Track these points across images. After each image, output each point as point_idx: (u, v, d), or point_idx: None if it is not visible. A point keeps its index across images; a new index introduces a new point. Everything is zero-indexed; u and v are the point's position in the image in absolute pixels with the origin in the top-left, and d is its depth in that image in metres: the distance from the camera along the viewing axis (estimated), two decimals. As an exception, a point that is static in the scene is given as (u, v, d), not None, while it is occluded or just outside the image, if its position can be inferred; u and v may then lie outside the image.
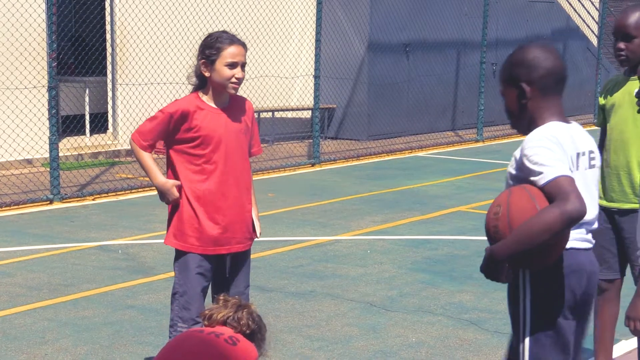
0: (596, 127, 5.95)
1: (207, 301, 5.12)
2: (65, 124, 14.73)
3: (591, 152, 4.02)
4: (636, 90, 4.42)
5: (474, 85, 18.80)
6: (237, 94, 5.27)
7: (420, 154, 16.49)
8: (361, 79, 17.93)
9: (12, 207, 11.06)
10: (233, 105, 5.32)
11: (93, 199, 11.76)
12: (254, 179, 5.72)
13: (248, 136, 5.41)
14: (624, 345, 6.44)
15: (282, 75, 17.27)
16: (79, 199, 11.71)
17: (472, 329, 6.78)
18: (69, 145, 14.63)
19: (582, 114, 22.76)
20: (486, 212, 3.88)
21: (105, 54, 15.43)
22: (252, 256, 6.85)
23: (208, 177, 5.25)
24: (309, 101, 17.11)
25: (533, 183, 3.79)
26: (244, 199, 5.41)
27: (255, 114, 5.94)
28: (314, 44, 15.13)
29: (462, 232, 9.94)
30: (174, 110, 5.21)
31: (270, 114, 17.13)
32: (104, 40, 15.50)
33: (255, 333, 4.62)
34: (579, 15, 23.50)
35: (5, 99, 13.25)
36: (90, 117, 15.70)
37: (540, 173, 3.75)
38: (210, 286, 5.40)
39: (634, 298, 3.98)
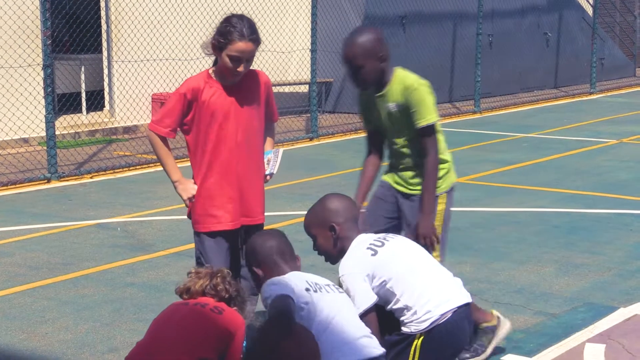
0: (589, 97, 5.98)
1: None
2: (61, 102, 14.69)
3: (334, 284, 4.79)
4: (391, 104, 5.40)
5: (471, 57, 18.74)
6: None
7: (418, 126, 16.45)
8: (357, 52, 17.85)
9: (9, 187, 11.06)
10: (245, 81, 5.34)
11: (91, 177, 11.76)
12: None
13: (262, 110, 5.45)
14: (622, 312, 6.46)
15: (278, 50, 17.22)
16: (76, 177, 11.71)
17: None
18: (65, 124, 14.62)
19: (578, 84, 22.74)
20: (483, 183, 3.93)
21: (100, 31, 15.38)
22: (250, 231, 6.77)
23: (218, 153, 5.30)
24: (306, 75, 17.07)
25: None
26: (254, 174, 5.45)
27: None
28: (310, 18, 15.09)
29: (461, 204, 9.93)
30: (185, 89, 5.28)
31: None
32: (99, 17, 15.45)
33: (234, 297, 4.70)
34: (575, -15, 23.43)
35: (0, 78, 13.22)
36: (86, 94, 15.67)
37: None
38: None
39: (419, 218, 5.29)
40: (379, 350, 4.55)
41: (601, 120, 17.03)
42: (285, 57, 17.54)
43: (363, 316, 4.68)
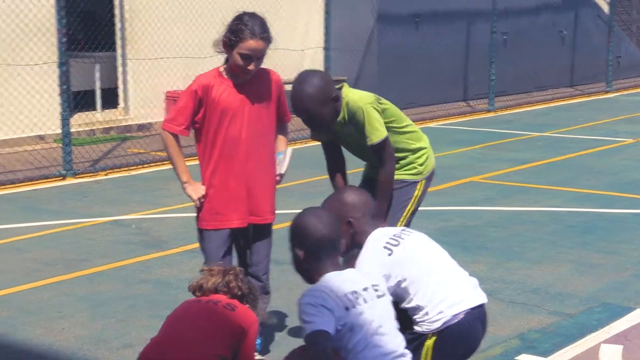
0: (606, 96, 5.96)
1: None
2: (76, 100, 14.72)
3: (374, 285, 4.52)
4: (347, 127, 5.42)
5: (485, 55, 18.69)
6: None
7: (431, 124, 16.47)
8: (371, 50, 17.88)
9: (25, 184, 11.10)
10: (255, 80, 5.33)
11: (105, 174, 11.79)
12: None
13: (272, 108, 5.43)
14: (639, 313, 6.44)
15: (292, 48, 17.21)
16: (91, 174, 11.74)
17: (487, 300, 6.77)
18: (80, 121, 14.64)
19: (594, 82, 22.65)
20: (498, 182, 3.93)
21: (115, 29, 15.40)
22: (265, 229, 6.73)
23: (226, 151, 5.30)
24: (320, 73, 17.05)
25: None
26: (263, 173, 5.43)
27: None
28: (324, 16, 15.08)
29: (475, 203, 9.94)
30: (196, 86, 5.27)
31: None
32: (113, 15, 15.47)
33: (247, 294, 4.71)
34: (590, -17, 23.35)
35: (16, 76, 13.26)
36: (101, 92, 15.69)
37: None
38: (238, 257, 5.61)
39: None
40: None
41: (617, 119, 16.97)
42: (299, 55, 17.53)
43: None
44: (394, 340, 4.42)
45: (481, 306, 4.83)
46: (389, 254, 4.75)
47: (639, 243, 8.30)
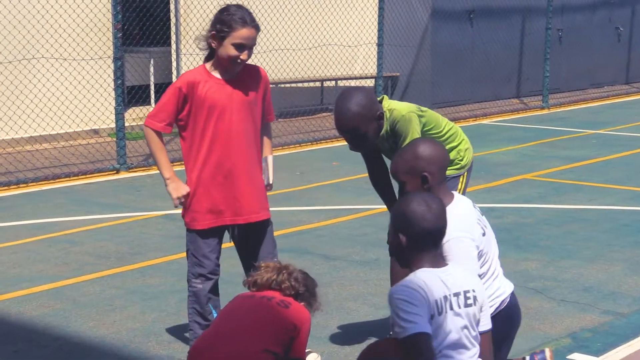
0: None
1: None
2: (130, 94, 14.86)
3: (466, 291, 4.30)
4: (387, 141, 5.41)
5: (540, 52, 18.55)
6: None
7: (485, 121, 16.38)
8: (424, 46, 17.82)
9: (79, 177, 11.21)
10: (243, 76, 5.25)
11: (180, 165, 11.85)
12: (319, 148, 5.71)
13: (259, 106, 5.35)
14: (693, 314, 6.37)
15: (345, 44, 17.21)
16: (144, 168, 11.83)
17: (538, 297, 6.74)
18: (134, 115, 14.77)
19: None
20: (551, 180, 3.92)
21: (170, 24, 15.51)
22: (315, 225, 6.79)
23: (213, 147, 5.21)
24: (372, 69, 17.05)
25: None
26: (252, 170, 5.34)
27: (318, 82, 5.92)
28: (377, 12, 15.06)
29: (528, 200, 9.88)
30: (180, 83, 5.19)
31: (333, 82, 17.11)
32: (168, 10, 15.58)
33: (302, 293, 4.69)
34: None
35: (72, 70, 13.40)
36: (155, 87, 15.81)
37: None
38: (239, 256, 5.54)
39: None
40: None
41: (673, 117, 16.76)
42: (352, 50, 17.52)
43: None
44: (467, 352, 4.29)
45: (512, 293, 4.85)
46: (483, 234, 4.64)
47: (694, 243, 8.20)
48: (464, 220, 4.61)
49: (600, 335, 5.98)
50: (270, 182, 5.59)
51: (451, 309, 4.21)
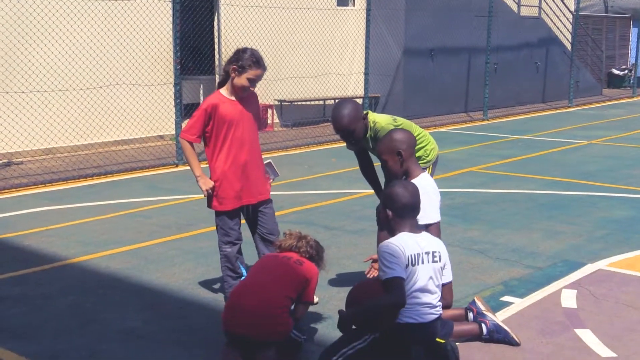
0: (568, 110, 5.87)
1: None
2: (186, 110, 14.82)
3: (434, 252, 4.35)
4: (371, 142, 5.40)
5: (481, 79, 18.53)
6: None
7: (442, 129, 16.34)
8: (398, 75, 17.76)
9: (149, 169, 11.20)
10: (247, 98, 5.25)
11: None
12: (322, 148, 5.69)
13: (257, 119, 5.35)
14: (590, 267, 6.35)
15: (341, 73, 17.17)
16: (196, 163, 11.78)
17: (480, 256, 6.74)
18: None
19: (560, 100, 22.38)
20: (490, 172, 3.90)
21: (214, 59, 15.48)
22: (318, 204, 6.72)
23: (231, 150, 5.19)
24: (361, 91, 17.01)
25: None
26: (258, 163, 5.33)
27: (321, 101, 5.88)
28: (364, 50, 15.01)
29: (473, 186, 9.86)
30: (206, 105, 5.18)
31: (332, 101, 17.07)
32: (213, 49, 15.54)
33: (314, 256, 4.71)
34: (557, 28, 23.02)
35: (144, 92, 13.39)
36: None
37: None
38: (249, 227, 5.46)
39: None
40: (435, 315, 4.36)
41: (576, 126, 16.70)
42: (346, 78, 17.48)
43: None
44: (431, 296, 4.32)
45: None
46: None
47: (589, 216, 8.18)
48: (431, 183, 4.80)
49: (524, 282, 5.98)
50: (278, 175, 5.61)
51: (422, 262, 4.27)
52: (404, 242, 4.28)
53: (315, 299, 5.47)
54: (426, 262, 4.30)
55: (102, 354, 4.67)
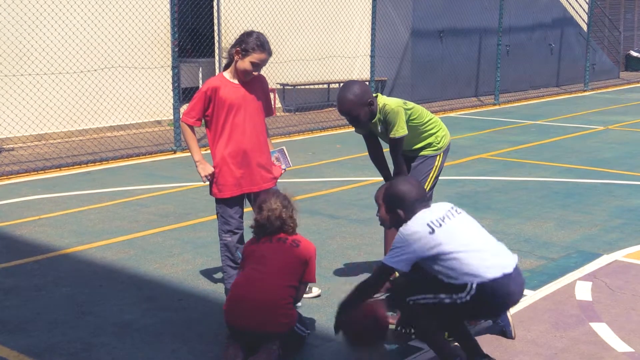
0: (583, 94, 5.86)
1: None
2: (184, 94, 14.82)
3: (449, 210, 4.30)
4: (380, 126, 5.38)
5: (492, 62, 18.50)
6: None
7: (451, 114, 16.32)
8: (406, 57, 17.73)
9: (146, 156, 11.21)
10: (252, 81, 5.23)
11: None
12: (327, 134, 5.68)
13: (266, 105, 5.34)
14: (605, 258, 6.35)
15: (346, 55, 17.14)
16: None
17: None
18: (187, 110, 14.72)
19: (575, 83, 22.32)
20: (501, 158, 3.88)
21: (214, 40, 15.46)
22: (324, 192, 6.72)
23: (232, 135, 5.18)
24: (367, 75, 16.98)
25: None
26: (261, 150, 5.30)
27: (325, 85, 5.87)
28: (370, 32, 14.98)
29: (483, 174, 9.85)
30: (206, 88, 5.17)
31: (337, 85, 17.05)
32: (212, 30, 15.52)
33: (291, 218, 4.67)
34: (573, 8, 22.92)
35: (140, 76, 13.38)
36: (203, 88, 15.75)
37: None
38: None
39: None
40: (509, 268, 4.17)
41: (592, 111, 16.67)
42: (351, 61, 17.45)
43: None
44: (484, 238, 4.25)
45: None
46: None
47: (605, 205, 8.17)
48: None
49: (536, 274, 5.98)
50: (291, 165, 5.59)
51: (450, 219, 4.22)
52: (422, 219, 4.19)
53: (318, 291, 5.48)
54: (453, 216, 4.26)
55: (98, 347, 4.69)
